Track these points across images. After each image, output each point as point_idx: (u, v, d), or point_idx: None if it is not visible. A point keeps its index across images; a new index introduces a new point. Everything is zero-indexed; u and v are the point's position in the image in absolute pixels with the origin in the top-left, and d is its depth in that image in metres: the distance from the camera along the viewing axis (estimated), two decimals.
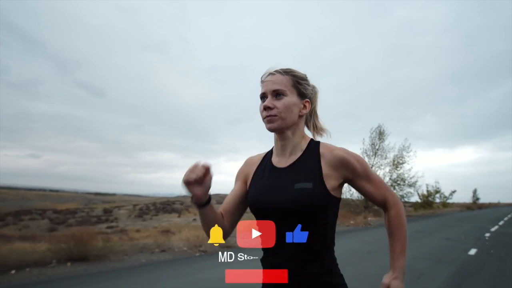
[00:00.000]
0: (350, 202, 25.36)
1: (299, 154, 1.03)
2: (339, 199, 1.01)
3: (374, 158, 24.68)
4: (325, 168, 0.97)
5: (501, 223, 17.55)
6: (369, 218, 16.17)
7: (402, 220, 1.03)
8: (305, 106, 1.05)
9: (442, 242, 9.15)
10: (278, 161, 1.06)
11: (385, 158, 24.13)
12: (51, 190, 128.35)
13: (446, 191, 40.40)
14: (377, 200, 1.04)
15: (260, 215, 1.01)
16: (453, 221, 18.32)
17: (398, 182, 23.97)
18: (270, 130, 1.02)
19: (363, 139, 25.69)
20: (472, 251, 7.63)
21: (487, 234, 11.52)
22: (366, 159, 25.01)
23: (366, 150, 24.99)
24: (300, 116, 1.05)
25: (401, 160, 23.71)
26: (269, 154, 1.12)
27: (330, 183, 0.97)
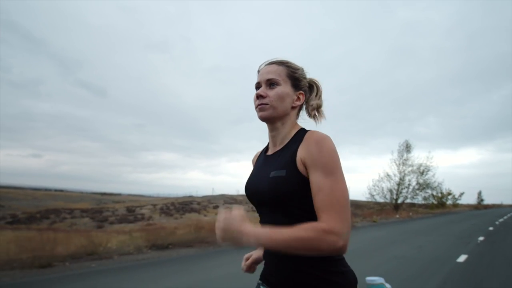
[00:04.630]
0: (381, 203, 31.43)
1: (285, 143, 1.00)
2: None
3: (402, 166, 30.81)
4: (300, 152, 0.90)
5: (505, 217, 23.77)
6: (410, 213, 22.15)
7: (312, 235, 0.78)
8: (298, 98, 1.02)
9: (470, 226, 15.14)
10: (270, 151, 1.06)
11: (412, 166, 30.25)
12: (56, 190, 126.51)
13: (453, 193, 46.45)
14: (316, 207, 0.84)
15: (253, 204, 1.03)
16: (469, 217, 24.41)
17: (423, 186, 30.05)
18: (261, 118, 1.00)
19: (392, 151, 31.96)
20: (491, 228, 13.69)
21: (497, 222, 17.65)
22: (395, 168, 31.06)
23: (395, 160, 31.18)
24: (293, 108, 1.02)
25: (426, 168, 29.79)
26: (265, 147, 1.13)
27: (301, 167, 0.89)
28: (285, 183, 0.89)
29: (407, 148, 30.64)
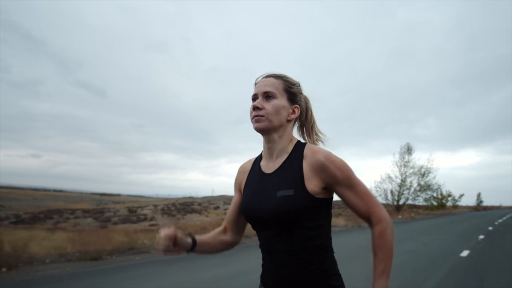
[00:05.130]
0: (382, 204, 32.09)
1: (284, 157, 1.02)
2: (330, 198, 0.99)
3: (403, 168, 31.52)
4: (306, 172, 0.95)
5: (504, 218, 24.46)
6: (412, 214, 22.80)
7: (386, 240, 0.93)
8: (294, 111, 1.05)
9: (470, 226, 15.79)
10: (266, 166, 1.06)
11: (413, 168, 30.99)
12: (55, 190, 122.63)
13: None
14: (360, 213, 0.97)
15: (252, 223, 1.05)
16: (470, 217, 25.11)
17: (424, 188, 30.73)
18: (257, 130, 1.02)
19: (394, 153, 32.65)
20: (490, 228, 14.37)
21: (496, 223, 18.33)
22: (396, 170, 31.77)
23: (396, 162, 31.88)
24: (289, 121, 1.04)
25: (427, 170, 30.51)
26: (258, 158, 1.12)
27: (312, 187, 0.94)
28: (293, 202, 0.92)
29: (408, 150, 31.46)
